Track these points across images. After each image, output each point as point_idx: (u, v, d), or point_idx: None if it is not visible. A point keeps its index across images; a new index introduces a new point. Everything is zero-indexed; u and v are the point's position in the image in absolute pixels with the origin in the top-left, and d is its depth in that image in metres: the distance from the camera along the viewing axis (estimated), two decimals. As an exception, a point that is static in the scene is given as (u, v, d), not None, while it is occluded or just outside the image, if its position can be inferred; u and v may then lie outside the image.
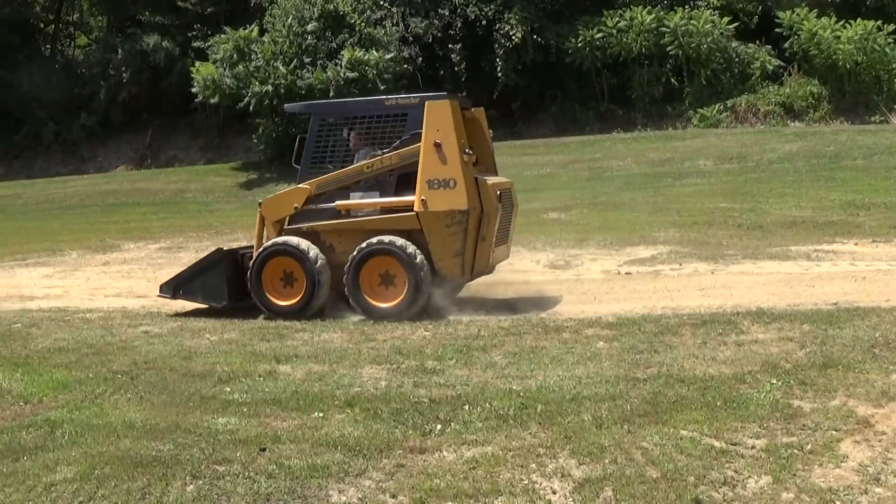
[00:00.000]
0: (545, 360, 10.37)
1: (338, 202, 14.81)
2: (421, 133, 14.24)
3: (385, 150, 14.64)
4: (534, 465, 7.38)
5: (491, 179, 14.64)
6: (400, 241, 14.08)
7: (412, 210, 14.12)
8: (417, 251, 14.02)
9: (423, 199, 14.00)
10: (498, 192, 14.42)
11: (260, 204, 15.90)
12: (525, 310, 13.99)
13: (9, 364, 12.04)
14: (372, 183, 14.76)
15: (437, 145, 14.00)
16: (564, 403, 8.70)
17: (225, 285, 15.32)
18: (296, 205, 15.07)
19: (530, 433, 8.01)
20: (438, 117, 14.19)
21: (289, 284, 14.78)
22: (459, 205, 13.85)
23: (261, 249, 15.00)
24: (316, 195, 14.99)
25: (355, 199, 14.77)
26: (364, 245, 14.21)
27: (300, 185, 15.21)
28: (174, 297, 15.70)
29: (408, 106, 14.84)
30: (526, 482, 7.13)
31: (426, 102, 14.44)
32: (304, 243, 14.59)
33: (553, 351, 10.78)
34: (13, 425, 9.33)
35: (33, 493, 7.46)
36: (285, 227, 15.14)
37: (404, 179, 14.51)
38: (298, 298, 14.61)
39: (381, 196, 14.65)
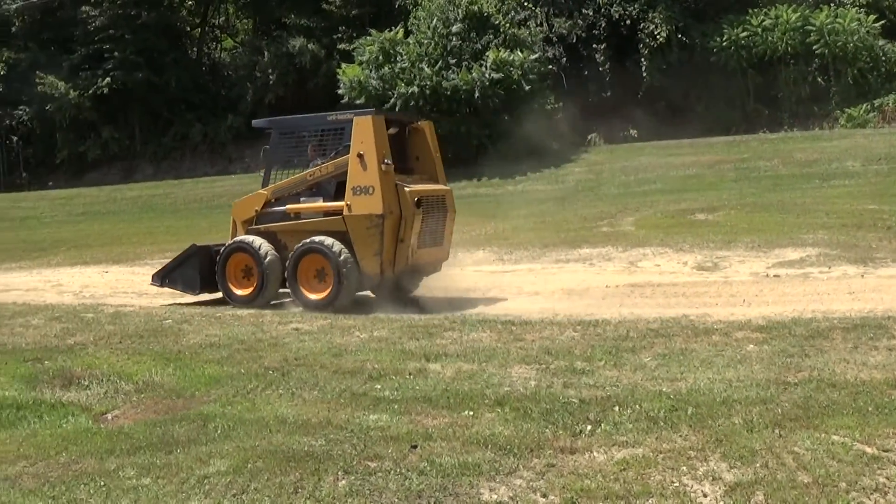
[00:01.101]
0: (695, 362, 10.28)
1: (288, 206, 16.83)
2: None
3: (324, 161, 16.52)
4: (684, 468, 7.33)
5: (413, 187, 16.06)
6: (329, 240, 15.90)
7: (342, 214, 15.90)
8: (344, 250, 15.78)
9: (348, 204, 15.79)
10: (417, 199, 15.80)
11: (232, 206, 18.14)
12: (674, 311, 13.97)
13: (161, 359, 12.32)
14: (317, 189, 16.75)
15: (360, 156, 15.64)
16: (715, 406, 8.62)
17: (198, 276, 17.68)
18: (256, 208, 17.21)
19: (681, 436, 7.97)
20: (363, 131, 15.76)
21: (247, 277, 16.93)
22: (376, 209, 15.48)
23: (225, 246, 17.22)
24: (273, 200, 17.09)
25: (301, 204, 16.80)
26: (300, 244, 16.22)
27: (260, 191, 17.39)
28: (161, 285, 18.31)
29: (344, 121, 16.55)
30: (676, 485, 7.09)
31: (353, 118, 16.12)
32: (258, 241, 16.72)
33: (703, 353, 10.67)
34: (166, 418, 9.55)
35: (186, 486, 7.61)
36: (250, 227, 17.20)
37: (342, 186, 16.14)
38: (252, 289, 16.82)
39: (324, 201, 16.55)
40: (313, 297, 16.17)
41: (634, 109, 45.75)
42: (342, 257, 15.70)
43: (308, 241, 16.11)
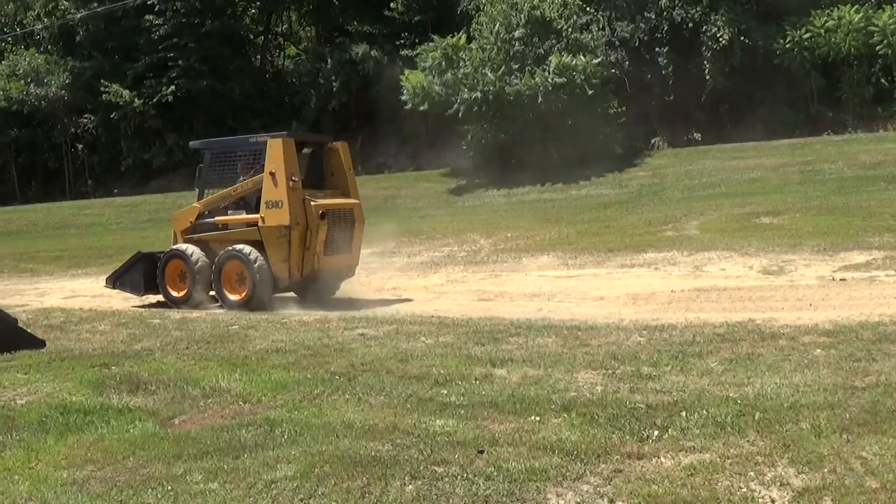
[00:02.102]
0: (762, 367, 10.21)
1: (217, 218, 19.10)
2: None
3: (246, 178, 18.65)
4: (752, 474, 7.27)
5: (319, 201, 18.11)
6: (247, 248, 18.13)
7: (258, 225, 18.16)
8: (259, 257, 17.99)
9: (262, 217, 18.03)
10: (321, 212, 17.88)
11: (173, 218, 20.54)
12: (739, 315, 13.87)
13: (227, 364, 12.41)
14: (241, 203, 18.94)
15: (272, 174, 17.87)
16: (782, 411, 8.55)
17: (142, 280, 19.92)
18: (191, 219, 19.53)
19: (748, 441, 7.91)
20: (274, 152, 17.93)
21: (182, 281, 19.23)
22: (284, 221, 17.72)
23: (164, 254, 19.58)
24: (205, 212, 19.37)
25: (228, 216, 18.99)
26: (223, 252, 18.48)
27: (194, 204, 19.70)
28: (112, 287, 20.51)
29: (262, 143, 18.56)
30: (744, 490, 7.03)
31: (268, 140, 18.28)
32: (191, 249, 19.04)
33: (770, 358, 10.60)
34: (233, 423, 9.60)
35: (254, 490, 7.65)
36: (186, 236, 19.47)
37: (259, 201, 18.30)
38: (185, 292, 19.09)
39: (247, 213, 18.64)
40: (234, 297, 18.40)
41: (698, 112, 45.54)
42: (257, 263, 17.93)
43: (230, 248, 18.41)
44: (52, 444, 9.45)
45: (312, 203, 17.89)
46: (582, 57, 40.07)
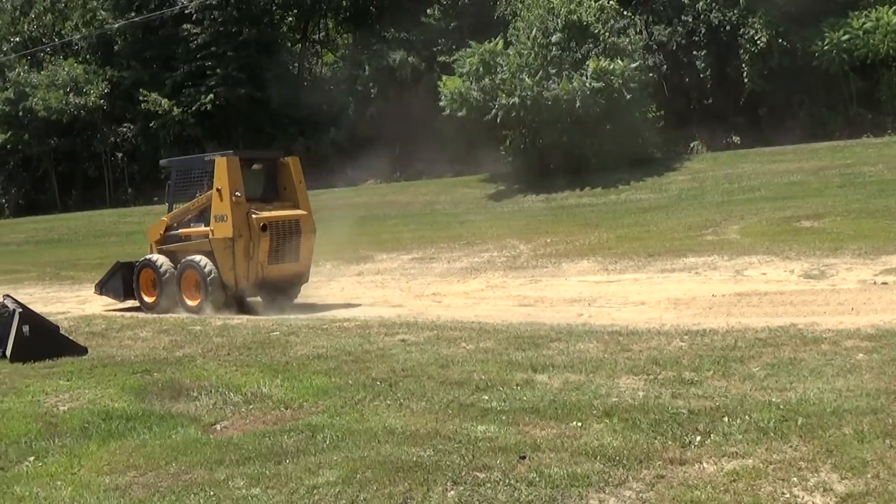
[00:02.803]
0: (804, 372, 10.15)
1: (181, 230, 20.79)
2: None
3: (202, 194, 20.19)
4: (795, 479, 7.23)
5: (261, 213, 19.42)
6: (200, 258, 19.75)
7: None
8: (210, 266, 19.54)
9: (212, 230, 19.57)
10: (262, 224, 19.21)
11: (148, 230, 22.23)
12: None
13: (269, 370, 12.47)
14: (201, 217, 20.33)
15: (219, 190, 19.34)
16: (825, 416, 8.49)
17: (122, 286, 21.51)
18: (160, 232, 21.21)
19: (791, 446, 7.87)
20: (220, 169, 19.39)
21: (154, 288, 20.81)
22: (228, 233, 19.22)
23: (138, 263, 21.15)
24: (173, 225, 21.06)
25: (189, 229, 20.60)
26: (183, 261, 20.14)
27: (163, 218, 21.52)
28: (100, 293, 22.23)
29: (212, 161, 19.96)
30: (787, 496, 6.99)
31: (215, 159, 19.79)
32: (160, 259, 20.64)
33: (812, 363, 10.53)
34: (275, 429, 9.64)
35: (296, 496, 7.68)
36: (158, 247, 21.14)
37: None
38: (155, 298, 20.66)
39: (204, 226, 20.02)
40: (191, 303, 19.96)
41: (736, 116, 45.36)
42: (207, 271, 19.49)
43: (188, 258, 20.05)
44: (95, 449, 9.52)
45: (254, 216, 19.32)
46: (619, 61, 39.92)
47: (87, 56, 63.54)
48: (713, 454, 7.83)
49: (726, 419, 8.61)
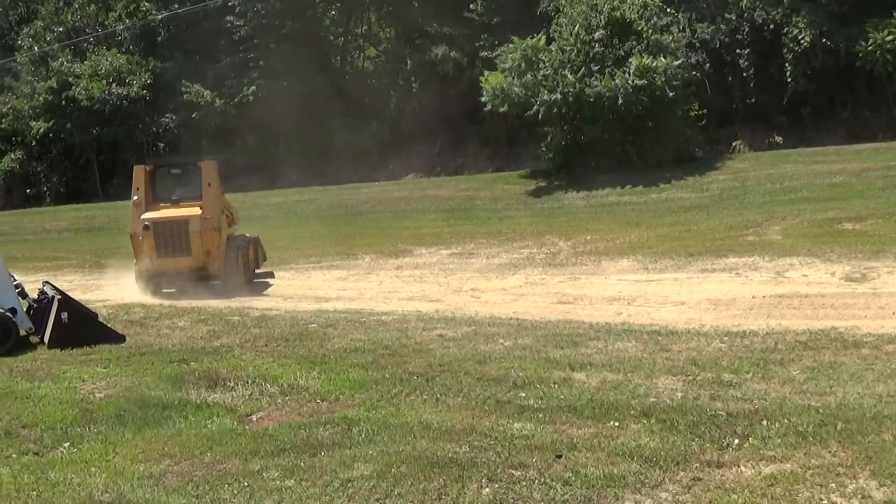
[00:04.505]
0: (844, 376, 10.05)
1: None
2: None
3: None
4: (833, 485, 7.16)
5: (147, 214, 21.32)
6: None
7: None
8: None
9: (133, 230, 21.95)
10: (144, 224, 21.15)
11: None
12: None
13: (306, 362, 12.48)
14: None
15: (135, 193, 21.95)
16: (865, 422, 8.41)
17: None
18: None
19: (830, 452, 7.79)
20: (134, 175, 21.87)
21: None
22: (130, 231, 21.92)
23: None
24: None
25: None
26: None
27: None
28: None
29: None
30: (825, 502, 6.91)
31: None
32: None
33: (852, 367, 10.42)
34: (311, 421, 9.65)
35: (330, 489, 7.68)
36: None
37: None
38: None
39: None
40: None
41: (779, 115, 45.11)
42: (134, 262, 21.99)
43: None
44: (130, 437, 9.56)
45: (140, 217, 21.41)
46: (662, 58, 39.76)
47: (130, 47, 63.85)
48: (751, 458, 7.77)
49: (765, 422, 8.54)
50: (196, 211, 21.37)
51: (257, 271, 23.12)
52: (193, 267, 21.52)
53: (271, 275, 23.05)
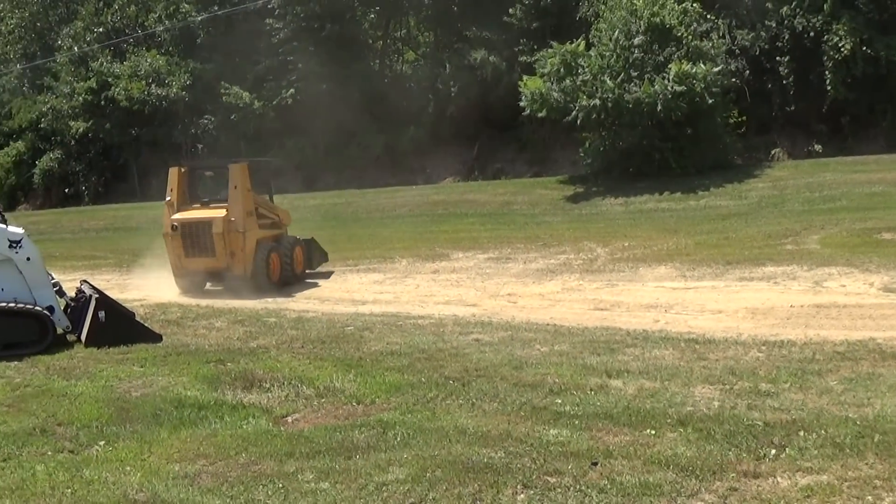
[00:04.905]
0: (882, 387, 10.00)
1: None
2: None
3: None
4: (870, 498, 7.13)
5: (176, 215, 21.93)
6: None
7: None
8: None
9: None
10: (173, 225, 21.83)
11: None
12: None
13: (342, 365, 12.54)
14: None
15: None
16: (903, 434, 8.41)
17: None
18: None
19: (867, 463, 7.76)
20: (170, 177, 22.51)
21: None
22: (164, 231, 22.49)
23: None
24: None
25: None
26: None
27: None
28: None
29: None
30: (862, 514, 6.94)
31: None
32: None
33: (890, 379, 10.37)
34: (346, 424, 9.70)
35: (365, 492, 7.72)
36: None
37: None
38: None
39: None
40: None
41: (818, 123, 44.84)
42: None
43: None
44: (165, 437, 9.62)
45: (171, 217, 22.00)
46: (702, 65, 39.54)
47: (170, 48, 64.13)
48: (787, 468, 7.75)
49: (802, 433, 8.52)
50: (221, 213, 21.74)
51: (308, 271, 23.77)
52: (217, 267, 22.07)
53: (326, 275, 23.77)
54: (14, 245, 15.41)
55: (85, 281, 18.31)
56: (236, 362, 13.08)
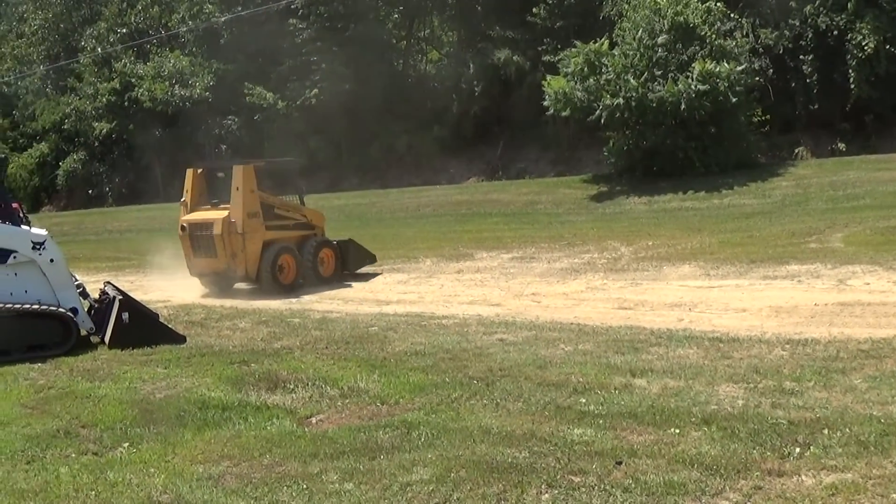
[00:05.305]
0: (907, 385, 10.00)
1: None
2: None
3: None
4: (894, 496, 7.10)
5: (185, 216, 22.48)
6: None
7: None
8: None
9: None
10: (181, 225, 22.36)
11: None
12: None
13: (366, 365, 12.55)
14: None
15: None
16: (928, 432, 8.38)
17: None
18: None
19: (891, 461, 7.72)
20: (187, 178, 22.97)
21: None
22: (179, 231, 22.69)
23: None
24: None
25: None
26: None
27: None
28: None
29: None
30: (886, 512, 6.92)
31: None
32: None
33: (915, 377, 10.37)
34: (370, 424, 9.70)
35: (389, 492, 7.72)
36: None
37: None
38: None
39: None
40: None
41: (842, 122, 44.69)
42: None
43: None
44: (189, 438, 9.64)
45: (181, 218, 22.48)
46: (726, 64, 39.47)
47: (193, 49, 64.30)
48: (812, 467, 7.72)
49: (826, 431, 8.49)
50: (222, 214, 21.86)
51: (346, 272, 23.77)
52: (220, 268, 22.22)
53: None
54: (38, 247, 15.45)
55: (108, 282, 18.37)
56: (260, 363, 13.11)
